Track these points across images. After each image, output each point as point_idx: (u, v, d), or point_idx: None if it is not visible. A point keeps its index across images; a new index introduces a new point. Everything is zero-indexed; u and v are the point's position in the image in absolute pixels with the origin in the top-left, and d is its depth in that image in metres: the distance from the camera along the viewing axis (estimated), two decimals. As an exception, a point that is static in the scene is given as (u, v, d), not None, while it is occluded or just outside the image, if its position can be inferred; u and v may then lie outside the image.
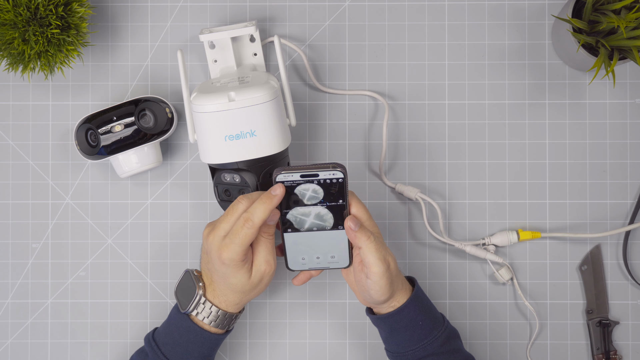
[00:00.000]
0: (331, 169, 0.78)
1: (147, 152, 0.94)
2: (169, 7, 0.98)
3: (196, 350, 0.85)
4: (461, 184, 0.97)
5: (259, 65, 0.96)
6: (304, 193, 0.79)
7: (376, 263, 0.80)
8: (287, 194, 0.79)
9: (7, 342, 0.98)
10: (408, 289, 0.85)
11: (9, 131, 0.98)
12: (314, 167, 0.78)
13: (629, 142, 0.97)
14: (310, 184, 0.79)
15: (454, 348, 0.86)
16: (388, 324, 0.85)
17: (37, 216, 0.98)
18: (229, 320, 0.85)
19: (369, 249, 0.80)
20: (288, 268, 0.84)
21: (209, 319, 0.84)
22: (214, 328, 0.85)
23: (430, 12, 0.98)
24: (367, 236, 0.80)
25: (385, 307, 0.84)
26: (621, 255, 0.97)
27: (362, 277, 0.82)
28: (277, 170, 0.78)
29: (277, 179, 0.78)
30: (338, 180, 0.78)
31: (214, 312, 0.84)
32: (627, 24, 0.85)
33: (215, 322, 0.84)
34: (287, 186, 0.79)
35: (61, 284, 0.98)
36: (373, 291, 0.81)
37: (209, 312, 0.84)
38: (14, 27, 0.87)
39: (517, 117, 0.97)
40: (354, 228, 0.80)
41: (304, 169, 0.78)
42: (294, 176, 0.78)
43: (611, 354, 0.96)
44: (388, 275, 0.80)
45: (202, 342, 0.85)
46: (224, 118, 0.84)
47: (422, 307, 0.85)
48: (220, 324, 0.85)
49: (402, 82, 0.98)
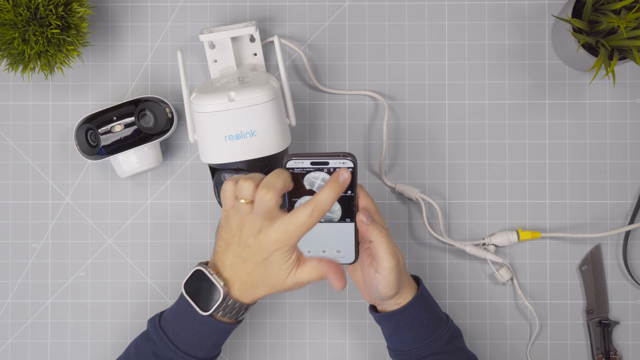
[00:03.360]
0: (342, 158, 0.77)
1: (147, 152, 0.94)
2: (169, 7, 0.98)
3: (211, 340, 0.82)
4: (461, 184, 0.97)
5: (259, 65, 0.96)
6: (313, 182, 0.79)
7: (387, 257, 0.79)
8: (297, 181, 0.78)
9: (7, 342, 0.98)
10: (413, 287, 0.85)
11: (9, 131, 0.98)
12: (325, 155, 0.78)
13: (629, 142, 0.97)
14: (319, 172, 0.78)
15: (457, 347, 0.86)
16: (392, 322, 0.84)
17: (37, 216, 0.98)
18: (244, 311, 0.82)
19: (380, 243, 0.79)
20: None
21: (224, 312, 0.81)
22: (227, 319, 0.82)
23: (430, 12, 0.98)
24: (379, 230, 0.79)
25: (391, 304, 0.84)
26: (621, 255, 0.97)
27: (370, 272, 0.82)
28: (288, 156, 0.77)
29: (287, 165, 0.77)
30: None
31: (231, 306, 0.81)
32: (627, 24, 0.85)
33: (230, 314, 0.81)
34: (297, 173, 0.78)
35: (61, 284, 0.98)
36: (381, 286, 0.81)
37: (230, 309, 0.81)
38: (14, 27, 0.87)
39: (517, 117, 0.97)
40: (366, 222, 0.79)
41: (315, 156, 0.77)
42: (304, 163, 0.77)
43: (611, 354, 0.96)
44: (397, 271, 0.80)
45: (217, 332, 0.82)
46: (224, 118, 0.85)
47: (427, 306, 0.85)
48: (235, 316, 0.82)
49: (402, 82, 0.98)
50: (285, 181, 0.76)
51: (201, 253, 0.97)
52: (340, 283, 0.77)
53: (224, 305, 0.80)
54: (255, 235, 0.76)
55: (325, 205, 0.74)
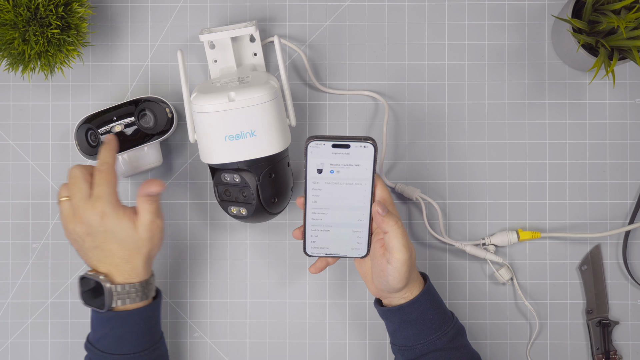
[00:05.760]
0: (363, 141, 0.77)
1: (147, 152, 0.94)
2: (169, 7, 0.98)
3: (125, 332, 0.84)
4: (461, 184, 0.97)
5: (259, 65, 0.96)
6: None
7: (400, 249, 0.80)
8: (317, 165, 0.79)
9: (7, 342, 0.98)
10: (421, 282, 0.85)
11: (9, 131, 0.98)
12: (346, 138, 0.77)
13: (629, 142, 0.97)
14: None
15: (461, 345, 0.86)
16: (398, 316, 0.84)
17: (37, 216, 0.98)
18: (142, 290, 0.84)
19: (395, 234, 0.80)
20: (306, 253, 0.84)
21: (122, 301, 0.83)
22: (133, 304, 0.84)
23: (430, 12, 0.98)
24: (395, 221, 0.80)
25: (398, 297, 0.84)
26: (621, 255, 0.97)
27: (382, 262, 0.82)
28: (310, 138, 0.77)
29: (309, 147, 0.77)
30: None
31: (122, 291, 0.83)
32: (627, 24, 0.85)
33: (130, 299, 0.83)
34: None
35: (61, 284, 0.98)
36: (391, 277, 0.81)
37: (125, 295, 0.83)
38: (14, 27, 0.87)
39: (517, 117, 0.97)
40: (382, 213, 0.80)
41: (336, 138, 0.77)
42: (326, 145, 0.77)
43: (611, 354, 0.96)
44: (409, 264, 0.81)
45: (125, 322, 0.84)
46: (224, 118, 0.84)
47: (433, 302, 0.85)
48: (136, 298, 0.84)
49: (402, 82, 0.98)
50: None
51: (201, 253, 0.98)
52: (156, 185, 0.84)
53: (115, 293, 0.83)
54: (81, 221, 0.84)
55: (106, 159, 0.85)
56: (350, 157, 0.78)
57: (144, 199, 0.84)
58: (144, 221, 0.84)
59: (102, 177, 0.84)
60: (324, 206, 0.81)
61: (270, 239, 0.98)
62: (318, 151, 0.77)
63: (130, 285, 0.84)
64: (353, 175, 0.79)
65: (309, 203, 0.81)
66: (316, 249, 0.84)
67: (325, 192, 0.80)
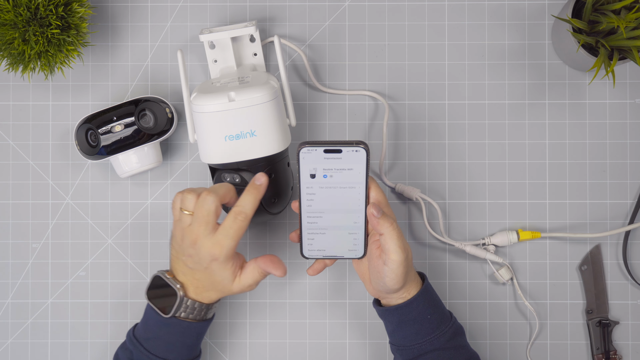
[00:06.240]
0: (354, 146, 0.77)
1: (147, 152, 0.94)
2: (169, 7, 0.98)
3: (179, 341, 0.85)
4: (461, 184, 0.97)
5: (259, 65, 0.96)
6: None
7: (396, 251, 0.80)
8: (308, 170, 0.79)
9: (7, 342, 0.98)
10: (418, 282, 0.85)
11: (9, 131, 0.98)
12: (338, 142, 0.78)
13: (629, 142, 0.97)
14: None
15: (459, 344, 0.86)
16: (396, 316, 0.85)
17: (37, 216, 0.98)
18: (206, 310, 0.86)
19: (390, 236, 0.80)
20: (303, 255, 0.84)
21: (186, 313, 0.85)
22: (192, 319, 0.85)
23: (430, 12, 0.98)
24: (390, 223, 0.80)
25: (395, 297, 0.84)
26: (621, 255, 0.97)
27: (378, 264, 0.82)
28: (301, 144, 0.77)
29: (300, 152, 0.78)
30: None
31: (191, 306, 0.85)
32: (627, 24, 0.85)
33: (192, 314, 0.85)
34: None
35: (61, 284, 0.98)
36: (388, 278, 0.81)
37: (191, 309, 0.85)
38: (14, 27, 0.87)
39: (517, 117, 0.97)
40: (377, 215, 0.80)
41: (327, 144, 0.78)
42: (317, 151, 0.78)
43: (611, 354, 0.96)
44: (405, 264, 0.81)
45: (183, 332, 0.85)
46: (223, 118, 0.85)
47: (431, 301, 0.85)
48: (198, 315, 0.85)
49: (402, 82, 0.98)
50: (228, 189, 0.82)
51: (201, 253, 0.98)
52: (280, 271, 0.83)
53: (184, 305, 0.84)
54: (193, 246, 0.81)
55: (246, 209, 0.80)
56: (343, 162, 0.78)
57: (259, 270, 0.83)
58: (244, 283, 0.83)
59: (232, 229, 0.80)
60: (318, 210, 0.81)
61: (270, 239, 0.98)
62: (310, 157, 0.78)
63: (200, 303, 0.85)
64: (346, 179, 0.79)
65: (304, 207, 0.81)
66: (313, 251, 0.84)
67: (320, 196, 0.80)
